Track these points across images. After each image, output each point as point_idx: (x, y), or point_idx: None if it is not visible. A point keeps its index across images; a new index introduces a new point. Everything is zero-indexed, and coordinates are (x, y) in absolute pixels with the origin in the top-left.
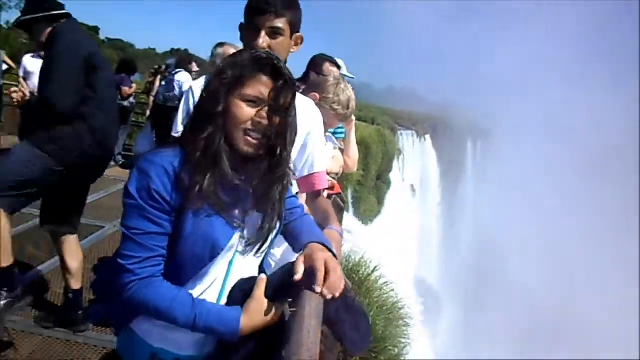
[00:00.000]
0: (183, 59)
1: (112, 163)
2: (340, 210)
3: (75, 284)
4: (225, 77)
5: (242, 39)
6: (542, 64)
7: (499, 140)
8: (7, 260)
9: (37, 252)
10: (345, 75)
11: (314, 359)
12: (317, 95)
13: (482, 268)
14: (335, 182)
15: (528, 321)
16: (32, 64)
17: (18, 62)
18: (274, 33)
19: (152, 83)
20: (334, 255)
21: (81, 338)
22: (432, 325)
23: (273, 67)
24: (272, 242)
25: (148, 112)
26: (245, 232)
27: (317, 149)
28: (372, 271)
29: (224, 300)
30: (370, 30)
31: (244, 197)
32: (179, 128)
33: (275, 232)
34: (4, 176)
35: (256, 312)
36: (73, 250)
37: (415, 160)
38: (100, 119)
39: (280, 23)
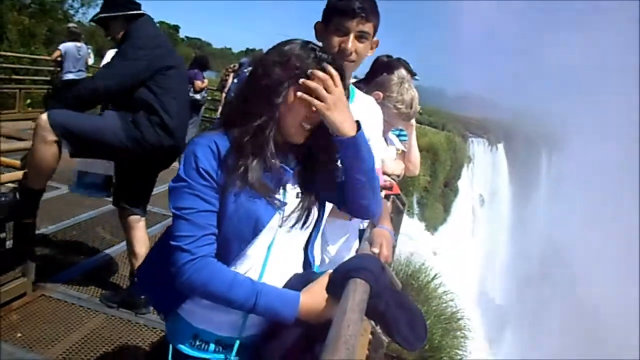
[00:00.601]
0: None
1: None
2: (399, 212)
3: None
4: (292, 69)
5: (317, 37)
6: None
7: (576, 151)
8: (39, 183)
9: (109, 236)
10: (415, 79)
11: (351, 352)
12: (380, 94)
13: (550, 287)
14: (395, 183)
15: (594, 348)
16: None
17: (101, 57)
18: (361, 37)
19: (226, 80)
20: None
21: (142, 320)
22: (493, 341)
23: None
24: (315, 223)
25: (220, 108)
26: (285, 211)
27: (373, 147)
28: (432, 279)
29: (265, 278)
30: (443, 33)
31: (285, 179)
32: None
33: (316, 214)
34: (89, 131)
35: (317, 296)
36: (140, 235)
37: (485, 169)
38: (172, 111)
39: (367, 28)
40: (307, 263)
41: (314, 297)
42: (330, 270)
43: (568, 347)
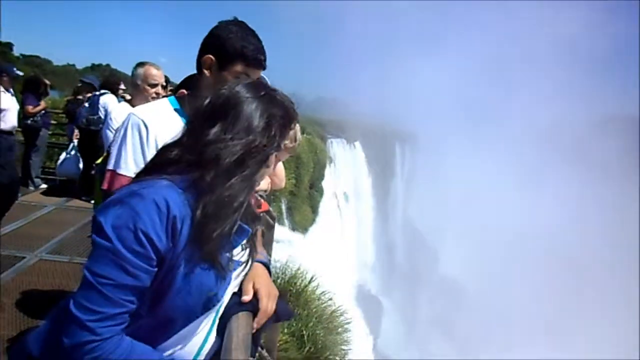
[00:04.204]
0: (108, 80)
1: (31, 188)
2: (270, 227)
3: None
4: (274, 134)
5: (205, 70)
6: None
7: (426, 143)
8: None
9: None
10: None
11: None
12: None
13: (416, 268)
14: (263, 200)
15: (459, 314)
16: None
17: None
18: None
19: (77, 106)
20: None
21: None
22: (372, 329)
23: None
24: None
25: (76, 132)
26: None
27: None
28: (309, 281)
29: (206, 349)
30: (295, 38)
31: (242, 238)
32: (130, 166)
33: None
34: None
35: None
36: None
37: (346, 167)
38: None
39: (260, 75)
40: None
41: None
42: None
43: (437, 320)
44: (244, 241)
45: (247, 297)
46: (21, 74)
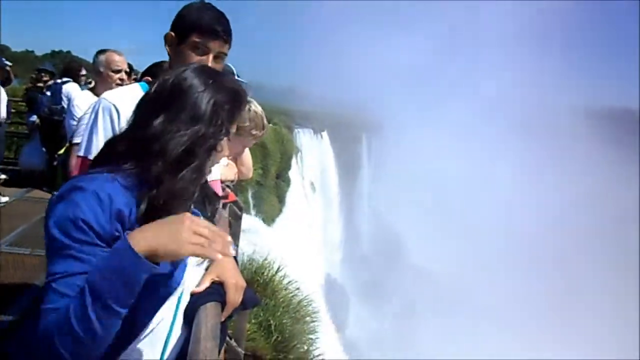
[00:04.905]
0: (70, 67)
1: None
2: (237, 218)
3: None
4: (222, 122)
5: (168, 49)
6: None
7: (392, 135)
8: None
9: None
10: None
11: None
12: None
13: (383, 257)
14: (230, 190)
15: (428, 305)
16: None
17: None
18: (218, 58)
19: (37, 93)
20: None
21: None
22: (339, 319)
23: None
24: None
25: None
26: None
27: None
28: (276, 272)
29: (173, 339)
30: (260, 27)
31: None
32: (92, 150)
33: None
34: None
35: (146, 227)
36: None
37: (313, 157)
38: None
39: (226, 49)
40: None
41: (142, 229)
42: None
43: (407, 308)
44: None
45: (198, 289)
46: (9, 64)
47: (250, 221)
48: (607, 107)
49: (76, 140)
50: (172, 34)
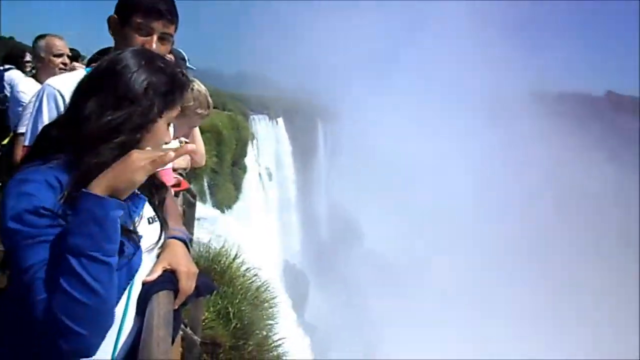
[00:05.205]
0: (13, 53)
1: None
2: (191, 205)
3: None
4: (153, 104)
5: (112, 32)
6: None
7: (349, 118)
8: None
9: None
10: (189, 68)
11: None
12: None
13: (340, 241)
14: (182, 178)
15: (384, 289)
16: None
17: None
18: (164, 39)
19: None
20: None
21: None
22: (299, 304)
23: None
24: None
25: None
26: (143, 242)
27: None
28: (234, 259)
29: (127, 327)
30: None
31: (140, 209)
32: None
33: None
34: None
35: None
36: None
37: (269, 144)
38: None
39: (171, 30)
40: None
41: (97, 178)
42: None
43: (364, 291)
44: (143, 212)
45: (149, 278)
46: None
47: (206, 209)
48: (557, 91)
49: (21, 129)
50: (115, 16)
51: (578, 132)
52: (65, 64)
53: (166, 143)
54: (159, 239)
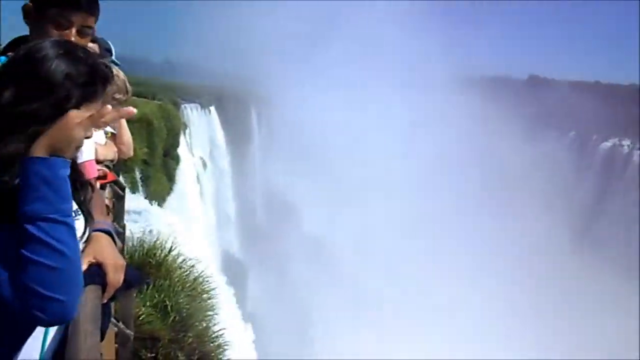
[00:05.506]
0: None
1: None
2: (120, 198)
3: None
4: (70, 94)
5: (27, 22)
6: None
7: (282, 104)
8: None
9: None
10: (113, 62)
11: None
12: None
13: (278, 228)
14: (108, 170)
15: (324, 275)
16: None
17: None
18: (83, 32)
19: None
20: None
21: None
22: (239, 293)
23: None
24: None
25: None
26: None
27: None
28: (169, 251)
29: None
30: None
31: None
32: None
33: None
34: None
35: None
36: None
37: (202, 133)
38: None
39: (91, 22)
40: None
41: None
42: None
43: (303, 278)
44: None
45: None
46: None
47: (139, 202)
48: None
49: None
50: (31, 4)
51: (501, 111)
52: None
53: (88, 137)
54: (83, 233)
